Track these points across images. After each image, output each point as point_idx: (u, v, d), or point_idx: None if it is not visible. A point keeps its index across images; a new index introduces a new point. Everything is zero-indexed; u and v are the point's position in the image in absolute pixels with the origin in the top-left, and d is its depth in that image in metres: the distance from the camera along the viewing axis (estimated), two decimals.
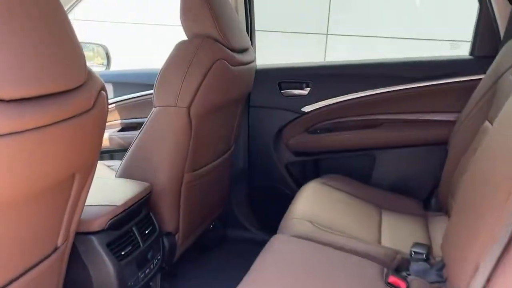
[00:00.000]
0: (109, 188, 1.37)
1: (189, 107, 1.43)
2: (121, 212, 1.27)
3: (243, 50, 1.67)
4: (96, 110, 0.91)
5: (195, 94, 1.43)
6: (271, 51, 2.10)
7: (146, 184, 1.42)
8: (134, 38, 5.54)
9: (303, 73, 2.05)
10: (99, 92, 0.91)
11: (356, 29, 4.80)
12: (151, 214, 1.46)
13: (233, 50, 1.55)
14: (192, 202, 1.63)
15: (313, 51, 5.09)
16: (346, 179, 1.91)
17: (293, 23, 5.04)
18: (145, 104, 2.25)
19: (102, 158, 2.44)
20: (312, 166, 2.15)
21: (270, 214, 2.20)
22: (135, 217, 1.36)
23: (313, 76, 2.02)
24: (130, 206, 1.31)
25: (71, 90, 0.83)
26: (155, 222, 1.46)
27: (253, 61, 1.78)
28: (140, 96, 2.28)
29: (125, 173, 1.51)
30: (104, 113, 0.95)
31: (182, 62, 1.44)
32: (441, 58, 1.95)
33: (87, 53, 2.92)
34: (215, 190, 1.86)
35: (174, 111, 1.43)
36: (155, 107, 1.47)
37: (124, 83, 2.33)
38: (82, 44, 2.66)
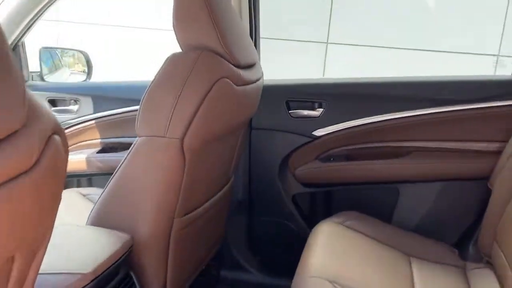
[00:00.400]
0: (75, 244, 1.05)
1: (182, 139, 1.12)
2: (89, 282, 0.95)
3: (250, 66, 1.36)
4: (44, 165, 0.59)
5: (191, 122, 1.12)
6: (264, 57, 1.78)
7: (126, 237, 1.11)
8: (122, 44, 5.21)
9: (315, 91, 1.75)
10: (49, 138, 0.60)
11: (361, 39, 4.52)
12: (131, 273, 1.14)
13: (238, 66, 1.25)
14: (183, 252, 1.32)
15: (311, 60, 4.82)
16: (365, 218, 1.61)
17: (290, 30, 4.76)
18: (130, 122, 1.94)
19: (79, 184, 2.13)
20: (323, 199, 1.85)
21: (273, 253, 1.91)
22: (110, 282, 1.05)
23: (328, 94, 1.72)
24: (104, 272, 0.99)
25: None
26: (136, 284, 1.15)
27: (261, 78, 1.47)
28: (124, 113, 1.97)
29: (99, 220, 1.19)
30: (60, 167, 0.64)
31: (174, 81, 1.13)
32: (483, 78, 1.67)
33: (67, 59, 2.61)
34: (211, 231, 1.55)
35: (163, 144, 1.12)
36: (139, 137, 1.16)
37: (106, 97, 2.02)
38: (61, 50, 2.35)
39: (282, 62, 3.82)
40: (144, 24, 5.06)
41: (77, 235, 1.11)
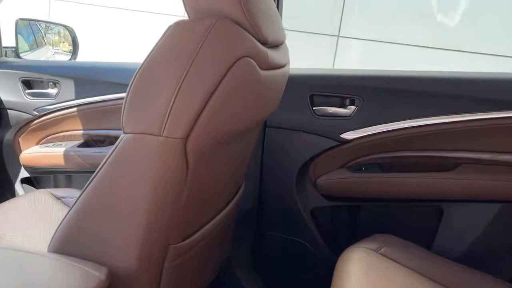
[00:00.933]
0: (29, 285, 0.74)
1: (186, 139, 0.81)
2: None
3: (278, 45, 1.04)
4: None
5: (198, 116, 0.80)
6: None
7: (101, 276, 0.79)
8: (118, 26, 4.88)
9: (347, 84, 1.43)
10: None
11: (375, 34, 4.22)
12: None
13: (265, 44, 0.93)
14: (179, 285, 1.00)
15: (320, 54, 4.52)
16: (404, 244, 1.31)
17: (300, 22, 4.45)
18: (119, 112, 1.63)
19: (56, 182, 1.82)
20: (349, 216, 1.55)
21: (283, 276, 1.60)
22: None
23: (362, 89, 1.40)
24: None
25: None
26: None
27: (288, 63, 1.15)
28: (114, 100, 1.65)
29: (66, 244, 0.87)
30: None
31: (176, 58, 0.81)
32: None
33: (51, 37, 2.29)
34: (215, 253, 1.24)
35: (159, 144, 0.80)
36: (125, 133, 0.84)
37: (93, 80, 1.70)
38: (46, 25, 2.02)
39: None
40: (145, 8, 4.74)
41: (33, 270, 0.78)
